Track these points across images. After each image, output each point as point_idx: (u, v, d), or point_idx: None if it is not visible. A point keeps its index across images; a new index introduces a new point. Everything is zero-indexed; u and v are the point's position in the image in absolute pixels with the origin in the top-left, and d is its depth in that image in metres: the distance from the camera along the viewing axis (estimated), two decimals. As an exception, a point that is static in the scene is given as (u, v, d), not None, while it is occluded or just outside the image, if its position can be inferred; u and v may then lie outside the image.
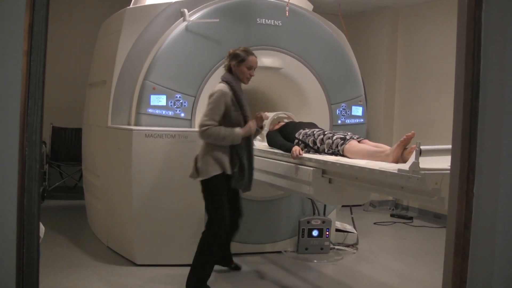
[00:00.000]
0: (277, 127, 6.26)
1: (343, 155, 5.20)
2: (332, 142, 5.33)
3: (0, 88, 2.01)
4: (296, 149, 5.36)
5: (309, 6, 7.45)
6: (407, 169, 3.97)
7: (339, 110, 7.06)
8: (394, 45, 10.52)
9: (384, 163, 4.64)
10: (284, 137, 5.91)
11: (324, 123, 6.77)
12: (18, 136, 2.01)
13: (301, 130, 5.81)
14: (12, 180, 2.03)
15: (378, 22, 10.62)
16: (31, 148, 2.06)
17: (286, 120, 6.50)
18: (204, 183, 5.32)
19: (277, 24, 6.72)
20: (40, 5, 2.05)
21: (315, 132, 5.63)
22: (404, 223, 9.07)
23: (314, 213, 6.87)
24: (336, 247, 6.97)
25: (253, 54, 5.52)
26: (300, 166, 5.26)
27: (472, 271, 2.55)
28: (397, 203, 10.14)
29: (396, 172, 4.12)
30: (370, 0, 10.15)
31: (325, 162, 4.95)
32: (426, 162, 3.93)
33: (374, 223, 8.88)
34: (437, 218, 9.21)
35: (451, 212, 2.65)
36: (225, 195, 5.32)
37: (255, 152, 6.17)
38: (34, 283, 2.10)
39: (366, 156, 4.96)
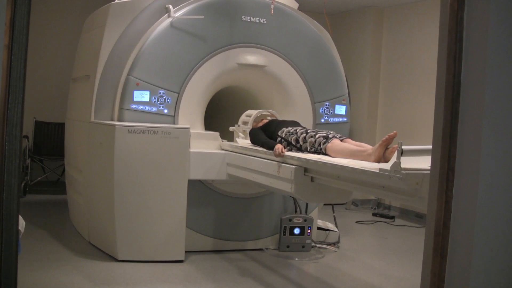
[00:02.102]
0: (260, 124, 6.27)
1: (325, 154, 5.22)
2: (315, 141, 5.34)
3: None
4: (278, 147, 5.36)
5: (294, 5, 7.45)
6: (389, 168, 3.98)
7: (322, 109, 7.06)
8: (379, 44, 10.55)
9: (366, 162, 4.65)
10: (267, 135, 5.91)
11: (307, 121, 6.78)
12: (-2, 130, 2.00)
13: (284, 128, 5.82)
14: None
15: (363, 22, 10.65)
16: (10, 143, 2.05)
17: (269, 118, 6.51)
18: None
19: (262, 21, 6.73)
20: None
21: (298, 131, 5.64)
22: (385, 222, 9.10)
23: (296, 211, 6.88)
24: (318, 245, 6.98)
25: None
26: (282, 164, 5.26)
27: (451, 271, 2.57)
28: (379, 202, 10.18)
29: (377, 171, 4.13)
30: (355, -1, 10.19)
31: (307, 160, 4.96)
32: (408, 162, 3.94)
33: (356, 222, 8.91)
34: (419, 218, 9.25)
35: (430, 212, 2.66)
36: None
37: (237, 150, 6.19)
38: (13, 278, 2.10)
39: (348, 155, 4.97)
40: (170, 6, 6.39)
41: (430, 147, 4.14)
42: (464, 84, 2.57)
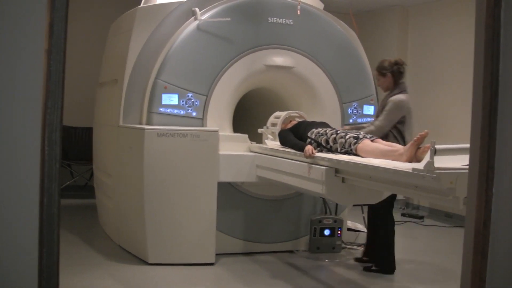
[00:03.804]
0: (289, 126, 6.25)
1: (356, 154, 5.19)
2: (345, 141, 5.31)
3: (23, 87, 2.01)
4: (309, 148, 5.35)
5: (320, 5, 7.43)
6: (422, 168, 3.95)
7: (350, 109, 7.04)
8: (404, 43, 10.49)
9: (397, 162, 4.63)
10: (296, 136, 5.89)
11: (335, 122, 6.75)
12: (40, 135, 2.00)
13: (313, 129, 5.80)
14: (34, 180, 2.03)
15: (388, 21, 10.60)
16: (51, 148, 2.05)
17: (298, 119, 6.49)
18: None
19: (288, 23, 6.71)
20: (60, 4, 2.05)
21: (327, 131, 5.62)
22: (415, 222, 9.05)
23: (325, 212, 6.86)
24: (348, 246, 6.96)
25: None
26: (313, 165, 5.25)
27: (492, 270, 2.53)
28: (407, 202, 10.11)
29: (410, 171, 4.10)
30: (380, -1, 10.15)
31: (338, 161, 4.93)
32: (440, 161, 3.92)
33: (385, 222, 8.85)
34: (448, 218, 9.19)
35: (469, 211, 2.62)
36: None
37: (266, 152, 6.19)
38: (54, 284, 2.10)
39: (379, 155, 4.94)
40: (197, 9, 6.40)
41: (463, 145, 4.13)
42: (503, 81, 2.53)
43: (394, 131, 5.89)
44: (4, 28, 2.00)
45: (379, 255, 6.13)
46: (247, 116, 7.59)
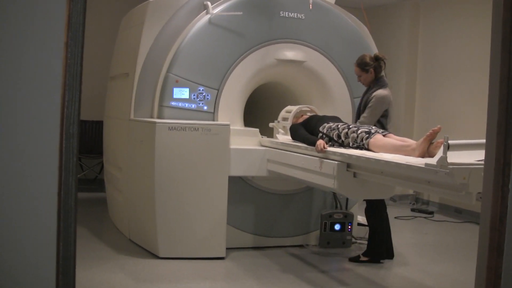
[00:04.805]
0: (300, 120, 6.25)
1: (368, 149, 5.18)
2: (357, 136, 5.30)
3: (42, 80, 2.01)
4: (320, 142, 5.34)
5: (332, -1, 7.42)
6: (435, 163, 3.95)
7: (361, 104, 7.02)
8: (415, 38, 10.45)
9: (410, 157, 4.62)
10: (307, 130, 5.89)
11: (346, 116, 6.74)
12: (59, 128, 2.00)
13: (325, 124, 5.79)
14: (52, 173, 2.03)
15: (399, 16, 10.56)
16: (68, 141, 2.05)
17: (309, 114, 6.48)
18: None
19: (300, 17, 6.70)
20: (77, -4, 2.05)
21: (339, 126, 5.61)
22: (425, 217, 9.03)
23: (336, 207, 6.85)
24: (358, 241, 6.95)
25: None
26: (324, 159, 5.24)
27: (508, 266, 2.52)
28: (417, 198, 10.09)
29: (423, 166, 4.10)
30: (391, -7, 10.11)
31: (350, 156, 4.93)
32: (453, 157, 3.91)
33: (395, 218, 8.83)
34: (458, 213, 9.16)
35: (485, 207, 2.61)
36: None
37: (277, 146, 6.19)
38: (71, 278, 2.10)
39: (391, 150, 4.94)
40: (208, 3, 6.39)
41: (476, 141, 4.13)
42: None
43: (377, 124, 5.94)
44: (24, 21, 2.00)
45: (377, 243, 6.27)
46: (258, 110, 7.58)
